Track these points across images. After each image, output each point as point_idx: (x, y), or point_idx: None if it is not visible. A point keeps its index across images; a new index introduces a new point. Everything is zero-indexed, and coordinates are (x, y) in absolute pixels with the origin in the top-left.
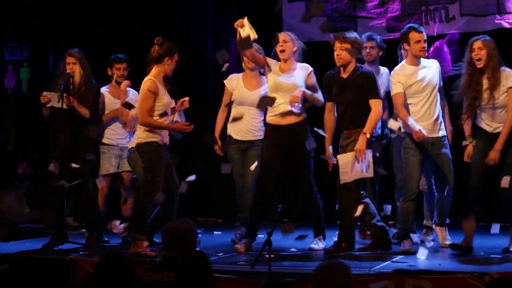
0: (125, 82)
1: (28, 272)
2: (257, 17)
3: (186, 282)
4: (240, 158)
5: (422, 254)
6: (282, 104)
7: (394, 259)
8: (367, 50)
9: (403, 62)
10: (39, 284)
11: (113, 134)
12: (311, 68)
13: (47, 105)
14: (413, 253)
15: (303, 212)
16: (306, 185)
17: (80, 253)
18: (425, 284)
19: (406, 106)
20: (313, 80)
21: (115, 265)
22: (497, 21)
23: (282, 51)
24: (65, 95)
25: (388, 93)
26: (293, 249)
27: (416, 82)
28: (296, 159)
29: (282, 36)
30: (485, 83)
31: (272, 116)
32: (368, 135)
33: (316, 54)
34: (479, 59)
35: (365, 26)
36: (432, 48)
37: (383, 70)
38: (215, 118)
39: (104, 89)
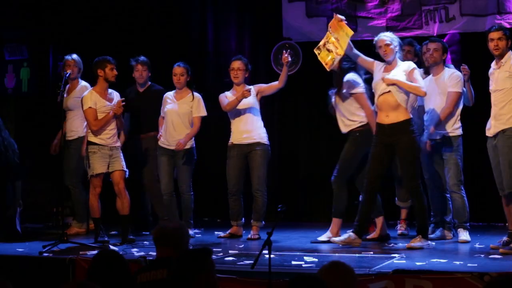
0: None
1: (28, 272)
2: (257, 17)
3: (183, 279)
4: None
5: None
6: None
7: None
8: (404, 53)
9: None
10: (39, 284)
11: (104, 134)
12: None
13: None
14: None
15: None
16: None
17: (80, 253)
18: (425, 284)
19: None
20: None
21: (109, 263)
22: (497, 21)
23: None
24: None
25: None
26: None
27: None
28: None
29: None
30: None
31: None
32: None
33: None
34: None
35: (365, 26)
36: None
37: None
38: (215, 113)
39: (92, 91)
